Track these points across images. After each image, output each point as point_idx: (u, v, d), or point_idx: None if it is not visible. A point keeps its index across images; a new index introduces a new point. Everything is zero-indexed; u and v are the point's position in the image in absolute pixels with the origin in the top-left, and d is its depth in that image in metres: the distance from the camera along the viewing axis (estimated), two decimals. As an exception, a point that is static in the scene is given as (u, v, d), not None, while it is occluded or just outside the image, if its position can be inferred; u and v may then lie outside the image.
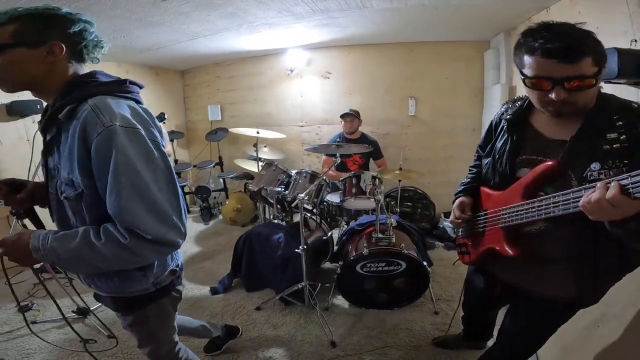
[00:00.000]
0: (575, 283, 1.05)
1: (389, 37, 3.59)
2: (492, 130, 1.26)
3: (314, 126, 4.42)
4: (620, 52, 1.33)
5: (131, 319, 1.15)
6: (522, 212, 1.03)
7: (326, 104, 4.28)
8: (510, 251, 1.10)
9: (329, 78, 4.20)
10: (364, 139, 3.56)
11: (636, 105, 0.94)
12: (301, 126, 4.47)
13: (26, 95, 3.06)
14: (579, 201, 0.83)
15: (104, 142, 0.83)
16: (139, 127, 0.89)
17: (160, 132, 0.98)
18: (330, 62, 4.14)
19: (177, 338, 1.38)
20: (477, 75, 3.73)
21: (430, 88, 3.90)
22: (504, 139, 1.16)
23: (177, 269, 1.16)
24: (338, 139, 3.54)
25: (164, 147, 0.96)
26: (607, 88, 1.52)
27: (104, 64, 0.96)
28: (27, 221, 1.21)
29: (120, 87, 0.96)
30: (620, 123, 0.90)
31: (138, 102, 0.99)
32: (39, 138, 0.99)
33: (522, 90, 3.35)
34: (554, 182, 0.99)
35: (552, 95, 0.89)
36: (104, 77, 0.96)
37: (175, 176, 0.96)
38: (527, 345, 1.34)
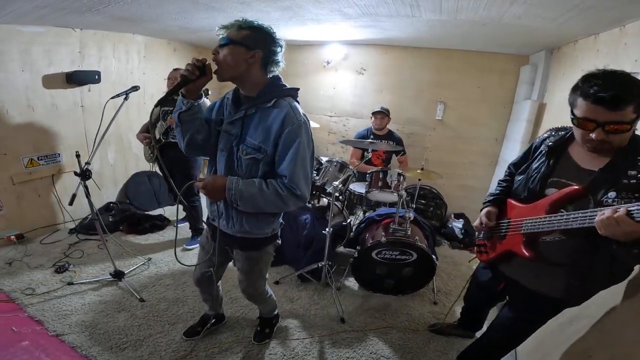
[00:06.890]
0: (567, 285, 1.25)
1: (427, 42, 3.67)
2: (531, 151, 1.44)
3: (343, 117, 4.58)
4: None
5: (251, 255, 1.59)
6: (546, 222, 1.20)
7: (356, 97, 4.42)
8: (527, 253, 1.29)
9: (363, 74, 4.32)
10: (390, 135, 3.72)
11: None
12: (330, 116, 4.64)
13: (85, 66, 3.27)
14: (594, 218, 1.00)
15: (295, 130, 1.29)
16: (308, 122, 1.36)
17: None
18: (366, 59, 4.25)
19: (267, 277, 1.79)
20: (508, 88, 3.80)
21: (460, 95, 3.99)
22: (540, 161, 1.33)
23: (282, 222, 1.64)
24: (366, 134, 3.70)
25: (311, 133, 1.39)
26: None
27: (155, 40, 1.24)
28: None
29: (296, 93, 1.43)
30: None
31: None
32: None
33: (551, 108, 3.30)
34: (574, 203, 1.18)
35: (593, 135, 1.06)
36: (283, 82, 1.40)
37: None
38: (513, 337, 1.54)
